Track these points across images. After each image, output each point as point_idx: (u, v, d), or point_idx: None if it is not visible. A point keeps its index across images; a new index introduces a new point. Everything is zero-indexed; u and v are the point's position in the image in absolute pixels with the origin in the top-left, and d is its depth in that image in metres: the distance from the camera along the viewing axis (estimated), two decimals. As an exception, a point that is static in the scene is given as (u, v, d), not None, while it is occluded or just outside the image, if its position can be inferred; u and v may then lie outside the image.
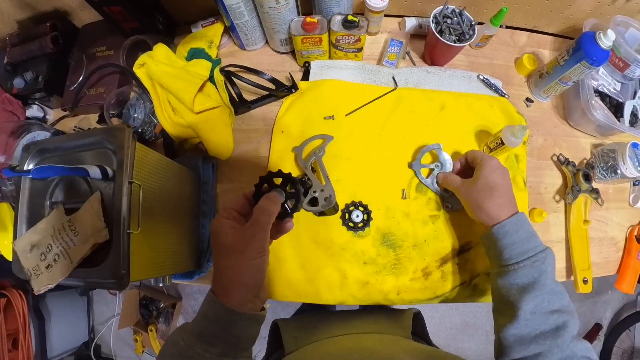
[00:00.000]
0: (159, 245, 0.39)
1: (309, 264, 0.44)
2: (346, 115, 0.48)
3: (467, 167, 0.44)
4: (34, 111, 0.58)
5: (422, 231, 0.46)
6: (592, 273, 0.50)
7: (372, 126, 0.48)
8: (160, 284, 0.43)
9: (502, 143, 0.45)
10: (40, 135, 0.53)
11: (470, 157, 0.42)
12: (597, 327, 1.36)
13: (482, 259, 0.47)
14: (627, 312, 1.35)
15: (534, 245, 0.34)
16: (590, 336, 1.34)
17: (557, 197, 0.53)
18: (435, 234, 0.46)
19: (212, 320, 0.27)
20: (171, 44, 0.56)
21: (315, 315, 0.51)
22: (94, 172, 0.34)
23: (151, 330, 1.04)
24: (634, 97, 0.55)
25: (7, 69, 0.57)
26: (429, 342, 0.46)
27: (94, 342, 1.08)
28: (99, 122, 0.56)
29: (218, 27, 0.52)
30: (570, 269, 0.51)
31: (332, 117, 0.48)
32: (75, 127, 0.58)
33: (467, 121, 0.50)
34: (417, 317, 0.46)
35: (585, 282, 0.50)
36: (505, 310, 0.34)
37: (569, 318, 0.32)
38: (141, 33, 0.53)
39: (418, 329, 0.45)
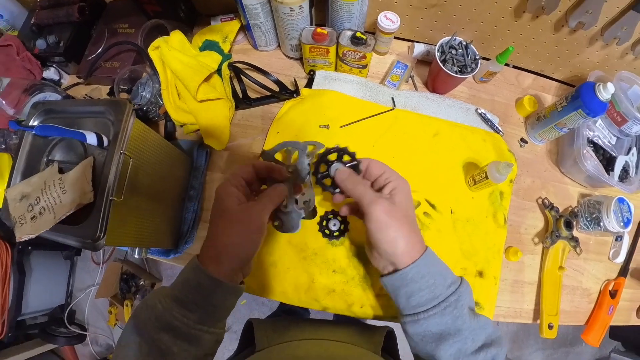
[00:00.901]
0: (141, 218, 0.40)
1: (280, 262, 0.45)
2: (341, 127, 0.50)
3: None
4: (50, 73, 0.61)
5: (395, 250, 0.47)
6: (560, 320, 0.50)
7: (364, 141, 0.50)
8: (137, 256, 0.45)
9: (487, 177, 0.46)
10: (51, 96, 0.56)
11: (377, 169, 0.34)
12: None
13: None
14: None
15: (443, 289, 0.30)
16: None
17: (536, 240, 0.53)
18: (408, 255, 0.47)
19: (194, 287, 0.27)
20: (189, 33, 0.58)
21: (290, 318, 0.52)
22: (91, 138, 0.36)
23: (127, 305, 1.06)
24: (627, 153, 0.55)
25: (33, 29, 0.61)
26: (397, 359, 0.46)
27: (70, 306, 1.10)
28: (109, 94, 0.58)
29: (235, 24, 0.54)
30: (537, 312, 0.51)
31: (327, 127, 0.50)
32: (86, 95, 0.60)
33: (458, 151, 0.51)
34: (390, 336, 0.46)
35: (550, 327, 0.50)
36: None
37: (497, 350, 0.29)
38: (162, 17, 0.56)
39: (389, 347, 0.45)
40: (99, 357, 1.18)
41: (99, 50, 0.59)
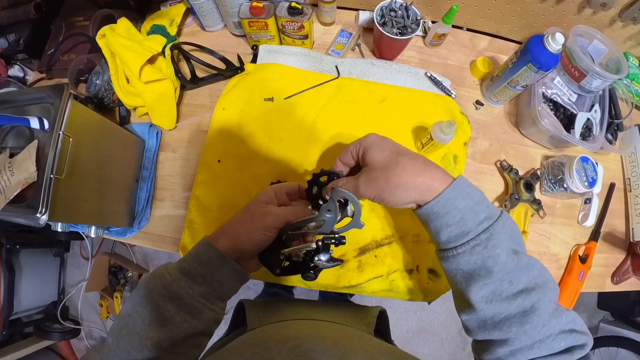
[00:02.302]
0: (89, 195, 0.42)
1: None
2: (285, 98, 0.50)
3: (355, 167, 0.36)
4: (15, 71, 0.63)
5: (343, 218, 0.46)
6: (526, 287, 0.48)
7: (307, 111, 0.49)
8: (93, 235, 0.46)
9: (432, 139, 0.45)
10: (15, 93, 0.58)
11: (349, 155, 0.33)
12: None
13: (402, 255, 0.46)
14: None
15: (473, 225, 0.27)
16: None
17: (496, 204, 0.51)
18: (357, 223, 0.46)
19: (204, 262, 0.29)
20: (140, 21, 0.60)
21: (281, 299, 0.52)
22: (34, 122, 0.38)
23: (117, 297, 1.08)
24: (590, 110, 0.53)
25: (-5, 30, 0.63)
26: (390, 341, 0.45)
27: (62, 302, 1.13)
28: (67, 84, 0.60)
29: (180, 7, 0.55)
30: (500, 279, 0.49)
31: (271, 99, 0.50)
32: (49, 89, 0.62)
33: (406, 116, 0.50)
34: (382, 316, 0.45)
35: (514, 294, 0.48)
36: (459, 297, 0.30)
37: (540, 295, 0.26)
38: (114, 7, 0.57)
39: (381, 327, 0.45)
40: (94, 350, 1.21)
41: (57, 44, 0.61)
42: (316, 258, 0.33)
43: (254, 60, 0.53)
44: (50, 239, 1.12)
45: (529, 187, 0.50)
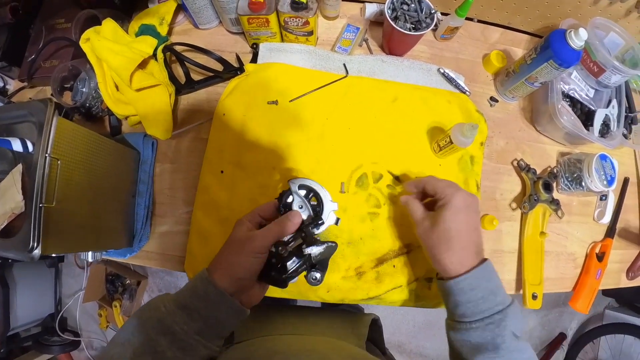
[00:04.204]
0: (85, 221, 0.38)
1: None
2: (290, 101, 0.46)
3: (426, 196, 0.39)
4: (-7, 81, 0.58)
5: (358, 228, 0.44)
6: (545, 288, 0.47)
7: (316, 114, 0.46)
8: (91, 260, 0.43)
9: (452, 142, 0.43)
10: (-7, 105, 0.53)
11: (431, 188, 0.36)
12: (562, 336, 1.34)
13: (422, 263, 0.44)
14: (594, 324, 1.31)
15: (491, 305, 0.30)
16: (554, 345, 1.32)
17: (514, 205, 0.50)
18: (373, 233, 0.44)
19: (200, 296, 0.28)
20: (126, 21, 0.55)
21: (271, 307, 0.50)
22: (16, 144, 0.34)
23: (115, 306, 1.05)
24: (607, 106, 0.51)
25: (-30, 38, 0.57)
26: (382, 350, 0.45)
27: (60, 314, 1.09)
28: (52, 94, 0.55)
29: (171, 4, 0.50)
30: (519, 282, 0.48)
31: (275, 102, 0.46)
32: (30, 99, 0.57)
33: (421, 116, 0.47)
34: (375, 324, 0.45)
35: (534, 297, 0.47)
36: None
37: None
38: (97, 7, 0.52)
39: (375, 335, 0.44)
40: (95, 361, 1.18)
41: (38, 50, 0.56)
42: (305, 247, 0.33)
43: (254, 60, 0.49)
44: (43, 251, 1.06)
45: (548, 187, 0.48)
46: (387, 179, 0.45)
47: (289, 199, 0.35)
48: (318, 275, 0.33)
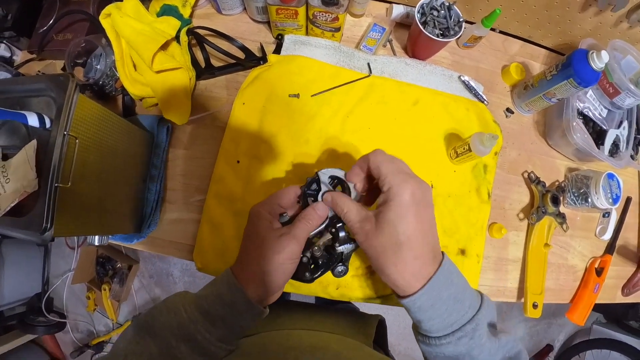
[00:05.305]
0: (95, 203, 0.37)
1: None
2: (312, 95, 0.46)
3: (372, 181, 0.31)
4: (0, 50, 0.56)
5: (371, 228, 0.44)
6: (545, 299, 0.49)
7: (337, 111, 0.46)
8: (97, 243, 0.42)
9: (470, 150, 0.43)
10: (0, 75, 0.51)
11: (375, 169, 0.27)
12: (549, 348, 1.37)
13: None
14: (580, 338, 1.35)
15: (459, 316, 0.26)
16: (541, 356, 1.35)
17: (521, 216, 0.51)
18: (385, 233, 0.44)
19: (226, 304, 0.26)
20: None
21: (278, 303, 0.50)
22: (32, 119, 0.32)
23: (104, 290, 1.03)
24: (619, 127, 0.52)
25: (-21, 4, 0.55)
26: (386, 352, 0.44)
27: (47, 294, 1.06)
28: (63, 69, 0.53)
29: (195, -15, 0.49)
30: (522, 290, 0.49)
31: (297, 96, 0.46)
32: (39, 72, 0.55)
33: (440, 121, 0.48)
34: (381, 325, 0.44)
35: (535, 306, 0.48)
36: None
37: None
38: (117, -19, 0.51)
39: (379, 338, 0.43)
40: (80, 344, 1.15)
41: (50, 22, 0.54)
42: (338, 246, 0.31)
43: (277, 51, 0.48)
44: (34, 228, 1.03)
45: (556, 201, 0.50)
46: (402, 181, 0.46)
47: (313, 187, 0.32)
48: (343, 268, 0.32)
